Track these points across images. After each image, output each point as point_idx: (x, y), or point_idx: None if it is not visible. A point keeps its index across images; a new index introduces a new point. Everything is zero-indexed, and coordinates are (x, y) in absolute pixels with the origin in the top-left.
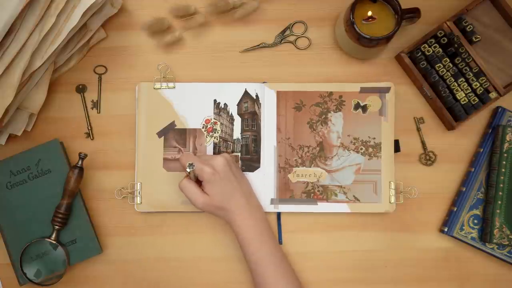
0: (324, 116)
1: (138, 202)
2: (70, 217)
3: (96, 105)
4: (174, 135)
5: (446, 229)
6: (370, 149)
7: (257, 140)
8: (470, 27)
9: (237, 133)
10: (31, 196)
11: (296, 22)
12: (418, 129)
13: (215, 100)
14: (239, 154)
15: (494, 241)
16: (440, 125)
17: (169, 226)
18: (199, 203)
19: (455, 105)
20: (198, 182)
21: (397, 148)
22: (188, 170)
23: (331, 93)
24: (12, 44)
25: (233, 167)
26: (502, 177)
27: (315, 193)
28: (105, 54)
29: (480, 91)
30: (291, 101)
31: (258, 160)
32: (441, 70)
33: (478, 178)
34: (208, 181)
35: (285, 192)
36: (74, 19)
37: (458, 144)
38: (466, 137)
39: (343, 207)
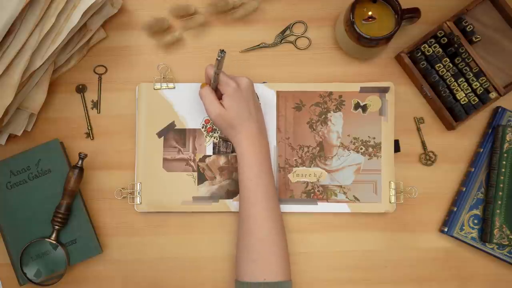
0: (324, 116)
1: (138, 202)
2: (70, 217)
3: (96, 105)
4: (174, 135)
5: (446, 229)
6: (370, 149)
7: None
8: (470, 27)
9: None
10: (31, 196)
11: (296, 22)
12: (418, 129)
13: None
14: None
15: (494, 241)
16: (440, 125)
17: (169, 226)
18: (213, 113)
19: (455, 105)
20: (218, 97)
21: (397, 148)
22: (218, 58)
23: (331, 93)
24: (12, 44)
25: (254, 93)
26: (502, 177)
27: (315, 193)
28: (105, 54)
29: (480, 91)
30: (291, 101)
31: None
32: (441, 70)
33: (478, 178)
34: (229, 95)
35: (285, 192)
36: (74, 19)
37: (458, 144)
38: (466, 137)
39: (343, 207)
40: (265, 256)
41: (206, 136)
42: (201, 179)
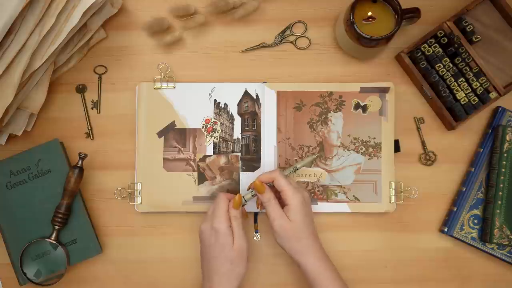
0: (324, 116)
1: (138, 202)
2: (70, 217)
3: (96, 105)
4: (174, 135)
5: (446, 229)
6: (370, 149)
7: (257, 140)
8: (470, 27)
9: (237, 133)
10: (31, 196)
11: (296, 22)
12: (418, 129)
13: (215, 100)
14: (239, 154)
15: (494, 241)
16: (440, 125)
17: (169, 226)
18: (279, 225)
19: (455, 105)
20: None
21: (397, 148)
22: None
23: (331, 93)
24: (12, 44)
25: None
26: (502, 177)
27: (315, 193)
28: (105, 54)
29: (480, 91)
30: (291, 101)
31: (258, 160)
32: (441, 70)
33: (478, 178)
34: (296, 206)
35: None
36: (74, 19)
37: (458, 144)
38: (466, 137)
39: (343, 207)
40: None
41: (206, 136)
42: (201, 179)
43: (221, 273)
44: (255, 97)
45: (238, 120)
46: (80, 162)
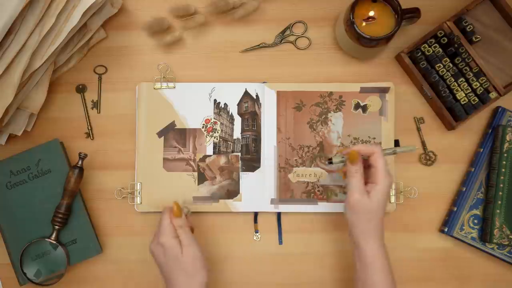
0: (324, 116)
1: (138, 202)
2: (70, 217)
3: (96, 105)
4: (174, 135)
5: (446, 229)
6: None
7: (257, 140)
8: (470, 27)
9: (237, 133)
10: (31, 196)
11: (296, 22)
12: (418, 129)
13: (215, 100)
14: (239, 154)
15: (494, 241)
16: (440, 125)
17: None
18: (357, 199)
19: (455, 105)
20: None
21: None
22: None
23: (331, 93)
24: (12, 44)
25: None
26: (502, 177)
27: (315, 193)
28: (105, 54)
29: (480, 91)
30: (291, 101)
31: (258, 160)
32: (441, 70)
33: (478, 178)
34: (382, 189)
35: (285, 192)
36: (74, 19)
37: (458, 144)
38: (466, 137)
39: (344, 207)
40: None
41: (206, 136)
42: (201, 179)
43: (179, 287)
44: (255, 97)
45: (238, 120)
46: (80, 162)
